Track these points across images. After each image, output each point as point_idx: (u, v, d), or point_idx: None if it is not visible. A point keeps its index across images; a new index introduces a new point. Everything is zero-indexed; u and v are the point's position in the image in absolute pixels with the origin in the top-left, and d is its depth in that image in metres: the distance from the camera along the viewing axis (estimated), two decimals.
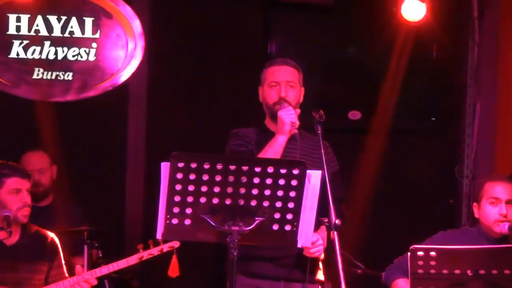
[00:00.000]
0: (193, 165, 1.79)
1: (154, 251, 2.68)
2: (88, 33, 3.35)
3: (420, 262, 2.39)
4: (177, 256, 2.68)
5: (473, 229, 2.96)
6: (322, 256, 2.42)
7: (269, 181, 1.85)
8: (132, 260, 2.71)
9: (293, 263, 2.41)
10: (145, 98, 3.56)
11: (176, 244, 2.68)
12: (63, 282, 2.70)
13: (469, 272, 2.36)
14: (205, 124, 3.61)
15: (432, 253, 2.38)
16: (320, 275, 2.48)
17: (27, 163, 3.06)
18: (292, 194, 1.92)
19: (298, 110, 2.30)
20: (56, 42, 3.30)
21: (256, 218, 1.92)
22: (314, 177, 1.98)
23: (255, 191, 1.87)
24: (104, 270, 2.80)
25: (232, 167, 1.82)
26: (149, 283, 3.35)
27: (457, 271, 2.37)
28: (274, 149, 2.26)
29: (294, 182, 1.89)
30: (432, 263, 2.37)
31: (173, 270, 2.74)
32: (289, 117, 2.24)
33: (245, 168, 1.83)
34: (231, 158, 2.04)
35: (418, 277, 2.45)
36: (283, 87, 2.34)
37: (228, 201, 1.86)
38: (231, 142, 2.41)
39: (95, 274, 2.73)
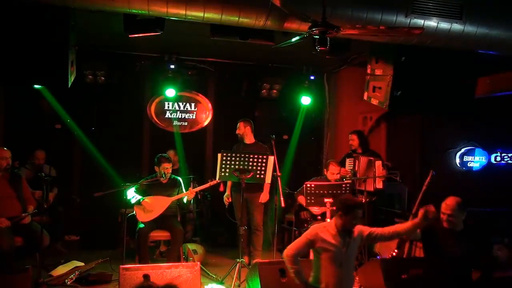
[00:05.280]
0: (228, 155, 5.10)
1: (214, 182, 5.52)
2: (193, 108, 7.84)
3: (308, 188, 5.29)
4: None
5: (324, 176, 5.97)
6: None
7: (257, 159, 5.06)
8: (207, 185, 5.57)
9: (256, 187, 5.93)
10: (212, 131, 8.10)
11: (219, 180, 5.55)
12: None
13: (325, 192, 5.50)
14: (230, 140, 6.42)
15: (312, 184, 5.42)
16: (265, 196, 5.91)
17: None
18: (264, 163, 5.16)
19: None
20: (181, 111, 7.83)
21: (251, 171, 5.12)
22: (270, 158, 5.19)
23: (252, 163, 5.03)
24: (199, 188, 5.68)
25: (242, 155, 5.06)
26: None
27: (320, 192, 5.47)
28: None
29: (264, 159, 5.12)
30: (312, 188, 5.34)
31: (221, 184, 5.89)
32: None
33: (248, 155, 5.05)
34: (239, 152, 5.16)
35: (308, 193, 5.34)
36: (238, 130, 6.05)
37: (241, 166, 5.08)
38: (234, 147, 6.01)
39: (196, 190, 5.64)
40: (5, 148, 5.05)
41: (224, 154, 4.99)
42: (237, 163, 4.97)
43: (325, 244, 3.55)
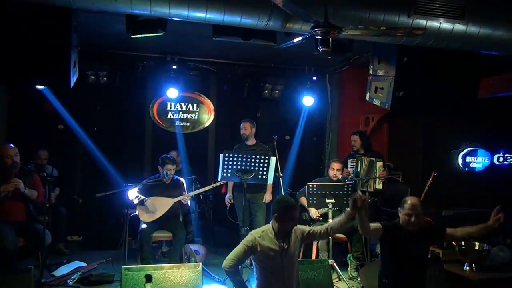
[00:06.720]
0: (230, 155, 5.03)
1: (217, 184, 5.74)
2: (195, 108, 7.88)
3: (310, 188, 5.41)
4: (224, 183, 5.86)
5: (326, 176, 6.12)
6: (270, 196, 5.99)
7: (259, 160, 4.98)
8: (210, 187, 5.78)
9: (259, 187, 5.98)
10: (214, 131, 8.10)
11: (223, 182, 5.76)
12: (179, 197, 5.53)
13: (327, 192, 5.57)
14: (232, 141, 6.54)
15: (314, 184, 5.48)
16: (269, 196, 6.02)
17: None
18: (266, 164, 5.06)
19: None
20: (184, 112, 7.87)
21: (253, 172, 5.03)
22: (272, 159, 5.10)
23: (254, 163, 4.97)
24: (196, 191, 5.96)
25: (244, 155, 5.01)
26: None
27: (322, 192, 5.47)
28: None
29: (266, 160, 5.04)
30: (315, 188, 5.42)
31: (224, 187, 6.11)
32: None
33: (250, 156, 5.00)
34: (241, 153, 5.04)
35: (310, 194, 5.45)
36: (244, 130, 6.00)
37: (243, 167, 5.03)
38: (235, 148, 6.04)
39: (192, 193, 5.85)
40: (11, 145, 4.95)
41: (226, 155, 4.98)
42: (239, 163, 4.96)
43: (264, 249, 3.45)
